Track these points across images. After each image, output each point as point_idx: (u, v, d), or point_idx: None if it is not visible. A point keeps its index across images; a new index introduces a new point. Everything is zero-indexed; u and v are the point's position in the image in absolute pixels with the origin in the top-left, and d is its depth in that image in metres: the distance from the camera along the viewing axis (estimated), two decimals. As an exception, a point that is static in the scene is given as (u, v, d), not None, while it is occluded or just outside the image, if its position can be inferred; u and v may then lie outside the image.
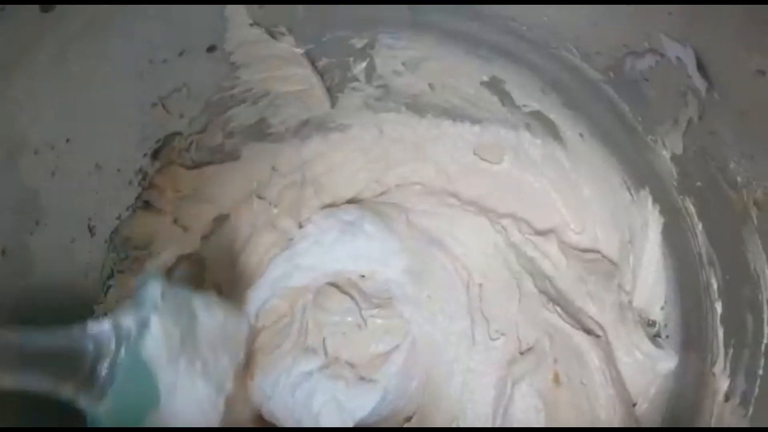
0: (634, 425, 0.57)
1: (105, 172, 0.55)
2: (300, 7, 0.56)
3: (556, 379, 0.59)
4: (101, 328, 0.46)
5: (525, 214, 0.67)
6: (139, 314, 0.48)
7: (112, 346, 0.46)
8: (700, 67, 0.47)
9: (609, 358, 0.58)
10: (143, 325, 0.48)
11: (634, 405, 0.59)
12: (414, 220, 0.65)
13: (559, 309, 0.60)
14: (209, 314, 0.53)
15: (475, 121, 0.67)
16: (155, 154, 0.60)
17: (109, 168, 0.56)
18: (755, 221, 0.48)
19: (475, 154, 0.69)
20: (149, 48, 0.53)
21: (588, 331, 0.59)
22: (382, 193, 0.70)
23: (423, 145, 0.69)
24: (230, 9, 0.54)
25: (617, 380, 0.58)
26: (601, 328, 0.60)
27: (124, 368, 0.46)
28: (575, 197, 0.64)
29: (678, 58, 0.48)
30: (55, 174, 0.50)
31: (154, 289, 0.49)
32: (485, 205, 0.67)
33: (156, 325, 0.48)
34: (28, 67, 0.45)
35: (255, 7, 0.55)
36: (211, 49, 0.56)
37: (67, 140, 0.50)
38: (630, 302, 0.60)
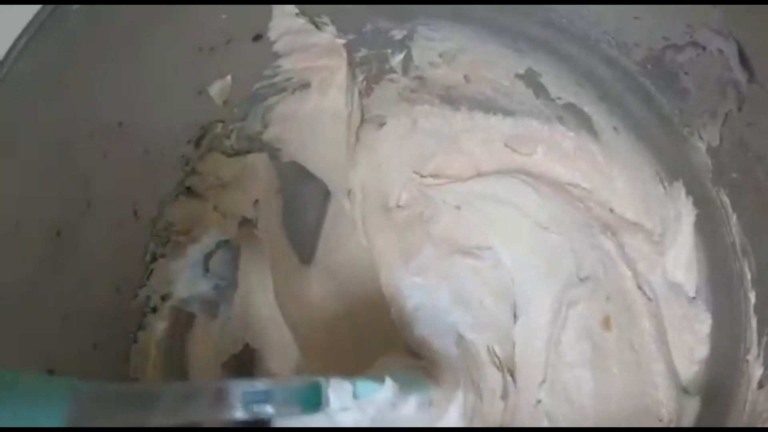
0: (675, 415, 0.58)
1: (152, 156, 0.57)
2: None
3: (607, 324, 0.60)
4: None
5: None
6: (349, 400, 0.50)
7: None
8: (742, 59, 0.48)
9: (661, 328, 0.59)
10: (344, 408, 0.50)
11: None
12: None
13: (613, 238, 0.62)
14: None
15: (508, 113, 0.68)
16: (198, 141, 0.61)
17: (155, 153, 0.57)
18: (792, 211, 0.49)
19: (506, 146, 0.70)
20: (198, 36, 0.54)
21: (640, 287, 0.60)
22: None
23: (457, 138, 0.70)
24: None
25: (670, 357, 0.59)
26: (653, 291, 0.61)
27: None
28: (608, 190, 0.65)
29: (719, 50, 0.49)
30: (107, 157, 0.51)
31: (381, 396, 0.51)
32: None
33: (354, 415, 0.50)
34: (87, 54, 0.47)
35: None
36: (257, 38, 0.58)
37: (120, 124, 0.52)
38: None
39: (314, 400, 0.48)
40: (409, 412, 0.54)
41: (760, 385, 0.52)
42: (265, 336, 0.63)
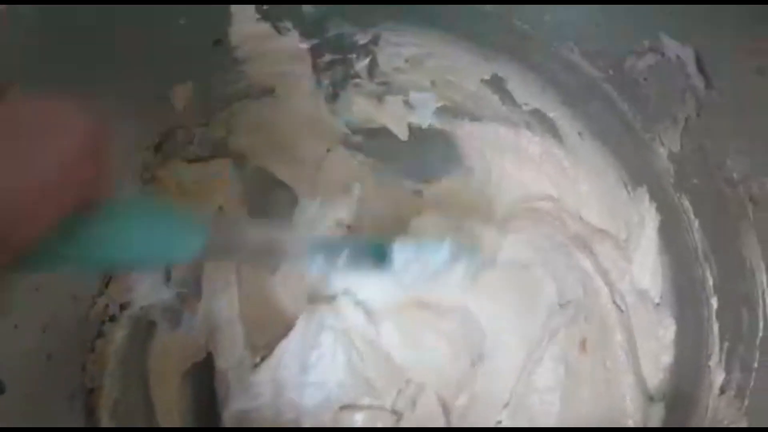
0: (641, 424, 0.58)
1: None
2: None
3: (583, 346, 0.60)
4: None
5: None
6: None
7: None
8: (700, 65, 0.48)
9: (631, 339, 0.60)
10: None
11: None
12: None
13: (589, 255, 0.62)
14: None
15: (474, 118, 0.68)
16: (158, 147, 0.60)
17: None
18: (751, 217, 0.49)
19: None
20: (157, 40, 0.53)
21: (614, 300, 0.61)
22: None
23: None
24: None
25: (638, 368, 0.59)
26: (624, 301, 0.61)
27: None
28: (574, 195, 0.65)
29: (678, 56, 0.49)
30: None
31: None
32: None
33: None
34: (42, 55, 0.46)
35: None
36: (217, 43, 0.57)
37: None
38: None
39: (380, 255, 0.54)
40: (457, 276, 0.58)
41: (722, 391, 0.52)
42: (220, 337, 0.62)
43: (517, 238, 0.66)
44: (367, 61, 0.64)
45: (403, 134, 0.69)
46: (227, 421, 0.62)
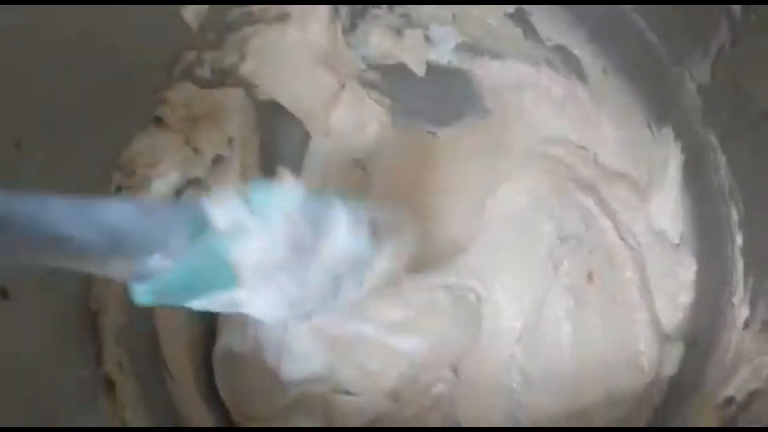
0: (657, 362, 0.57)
1: (119, 78, 0.53)
2: None
3: (590, 277, 0.58)
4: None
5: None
6: (242, 215, 0.40)
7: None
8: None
9: (644, 276, 0.58)
10: (241, 229, 0.40)
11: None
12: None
13: (593, 196, 0.61)
14: (352, 235, 0.45)
15: (495, 56, 0.66)
16: (170, 68, 0.58)
17: (123, 74, 0.53)
18: (784, 149, 0.48)
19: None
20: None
21: (622, 238, 0.59)
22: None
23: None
24: None
25: (652, 305, 0.58)
26: (635, 240, 0.59)
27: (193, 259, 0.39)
28: (594, 136, 0.64)
29: (714, -21, 0.47)
30: (71, 70, 0.48)
31: (284, 199, 0.42)
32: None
33: (260, 240, 0.40)
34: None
35: None
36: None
37: (88, 36, 0.48)
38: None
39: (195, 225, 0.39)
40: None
41: (746, 326, 0.51)
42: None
43: (514, 187, 0.65)
44: (386, -12, 0.62)
45: (420, 70, 0.67)
46: (215, 357, 0.60)
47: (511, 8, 0.61)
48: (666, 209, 0.59)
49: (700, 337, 0.56)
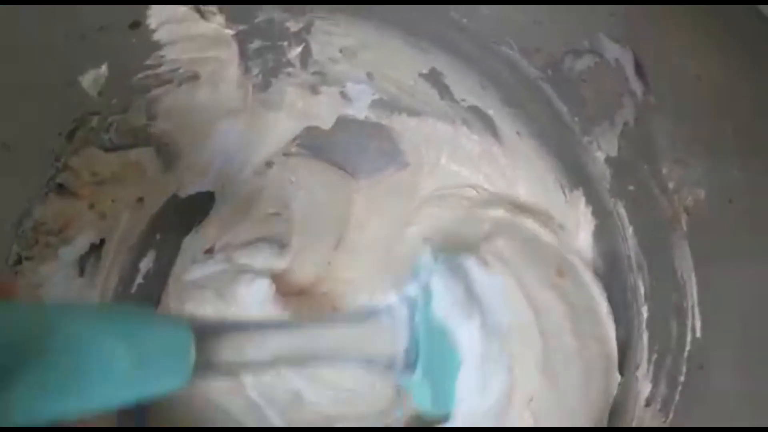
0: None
1: (14, 152, 0.51)
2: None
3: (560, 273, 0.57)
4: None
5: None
6: (420, 281, 0.52)
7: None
8: (638, 69, 0.46)
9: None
10: (426, 289, 0.52)
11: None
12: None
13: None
14: (482, 271, 0.53)
15: (412, 113, 0.65)
16: (70, 135, 0.56)
17: (18, 147, 0.51)
18: (684, 228, 0.48)
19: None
20: (66, 22, 0.49)
21: None
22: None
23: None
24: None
25: None
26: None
27: (423, 336, 0.51)
28: (510, 194, 0.63)
29: (616, 59, 0.47)
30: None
31: (425, 255, 0.54)
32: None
33: (437, 285, 0.51)
34: None
35: (182, -18, 0.52)
36: (134, 25, 0.53)
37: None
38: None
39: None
40: None
41: (647, 403, 0.51)
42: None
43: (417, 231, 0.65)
44: (299, 49, 0.60)
45: (327, 125, 0.66)
46: None
47: (425, 69, 0.60)
48: (579, 272, 0.59)
49: (613, 410, 0.55)
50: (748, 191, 0.42)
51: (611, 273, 0.57)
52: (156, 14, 0.53)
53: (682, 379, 0.48)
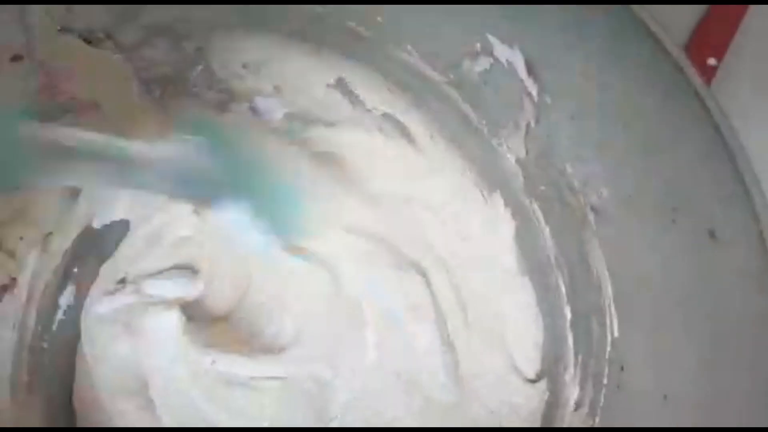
0: None
1: None
2: (113, 8, 0.50)
3: None
4: None
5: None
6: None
7: None
8: (530, 70, 0.45)
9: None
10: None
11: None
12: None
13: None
14: None
15: (328, 124, 0.63)
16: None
17: None
18: (593, 226, 0.47)
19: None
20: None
21: None
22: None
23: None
24: (31, 12, 0.49)
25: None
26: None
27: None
28: (430, 197, 0.62)
29: (508, 61, 0.46)
30: None
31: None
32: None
33: None
34: None
35: (62, 9, 0.50)
36: (16, 58, 0.50)
37: None
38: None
39: None
40: None
41: (576, 407, 0.50)
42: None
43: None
44: (199, 68, 0.58)
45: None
46: None
47: (331, 79, 0.58)
48: (504, 275, 0.58)
49: (545, 414, 0.54)
50: (643, 188, 0.41)
51: (535, 274, 0.56)
52: (42, 47, 0.50)
53: (605, 381, 0.48)
